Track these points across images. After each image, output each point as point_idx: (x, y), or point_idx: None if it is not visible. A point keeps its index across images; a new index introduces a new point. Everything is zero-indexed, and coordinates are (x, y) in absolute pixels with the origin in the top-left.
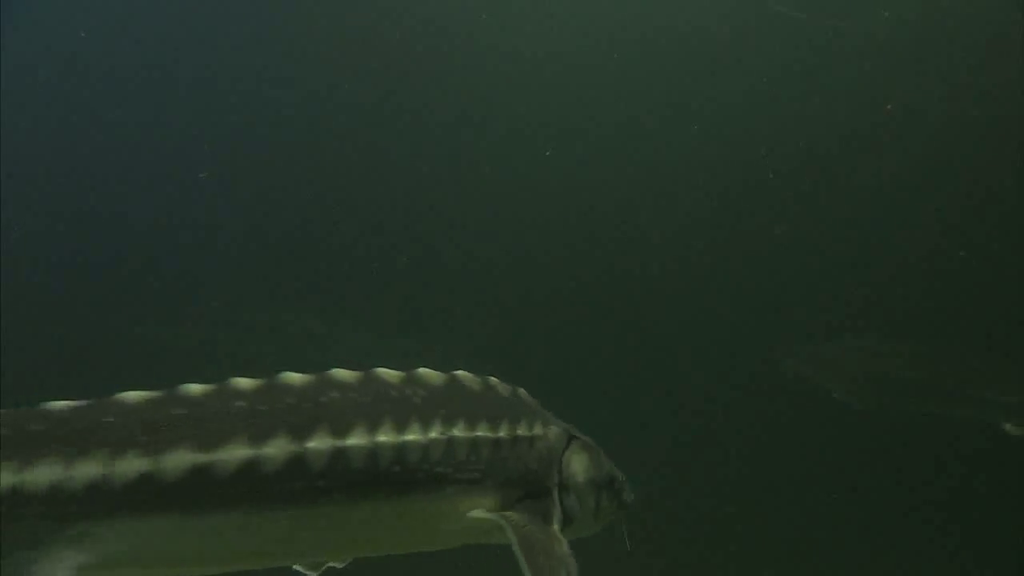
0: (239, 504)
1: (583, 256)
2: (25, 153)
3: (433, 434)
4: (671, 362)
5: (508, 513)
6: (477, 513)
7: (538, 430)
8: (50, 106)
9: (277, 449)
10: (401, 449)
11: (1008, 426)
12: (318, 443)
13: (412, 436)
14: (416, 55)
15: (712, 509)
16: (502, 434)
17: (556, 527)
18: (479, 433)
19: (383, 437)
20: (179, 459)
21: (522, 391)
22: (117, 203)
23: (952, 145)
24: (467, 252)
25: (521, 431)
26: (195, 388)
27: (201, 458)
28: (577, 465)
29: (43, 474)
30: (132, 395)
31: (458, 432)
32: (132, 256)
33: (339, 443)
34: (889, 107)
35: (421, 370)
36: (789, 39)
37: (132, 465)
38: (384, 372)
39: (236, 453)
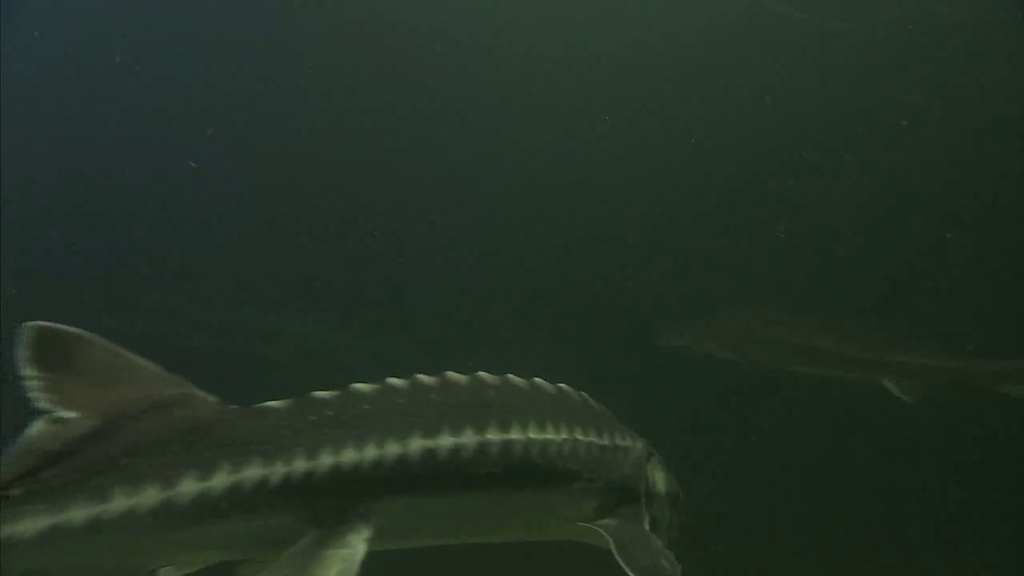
0: (451, 485)
1: (553, 254)
2: (24, 151)
3: (564, 435)
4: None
5: (604, 521)
6: (584, 523)
7: (629, 441)
8: (50, 104)
9: (469, 439)
10: (545, 444)
11: (890, 384)
12: (493, 435)
13: (551, 435)
14: (401, 54)
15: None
16: (606, 441)
17: (648, 527)
18: (592, 439)
19: (532, 434)
20: (417, 444)
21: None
22: (106, 202)
23: (951, 145)
24: (428, 252)
25: (619, 440)
26: (399, 382)
27: (429, 444)
28: (658, 477)
29: (348, 456)
30: (361, 386)
31: (580, 435)
32: (120, 255)
33: (506, 436)
34: (904, 123)
35: (538, 379)
36: (789, 39)
37: (393, 449)
38: (513, 377)
39: (447, 440)
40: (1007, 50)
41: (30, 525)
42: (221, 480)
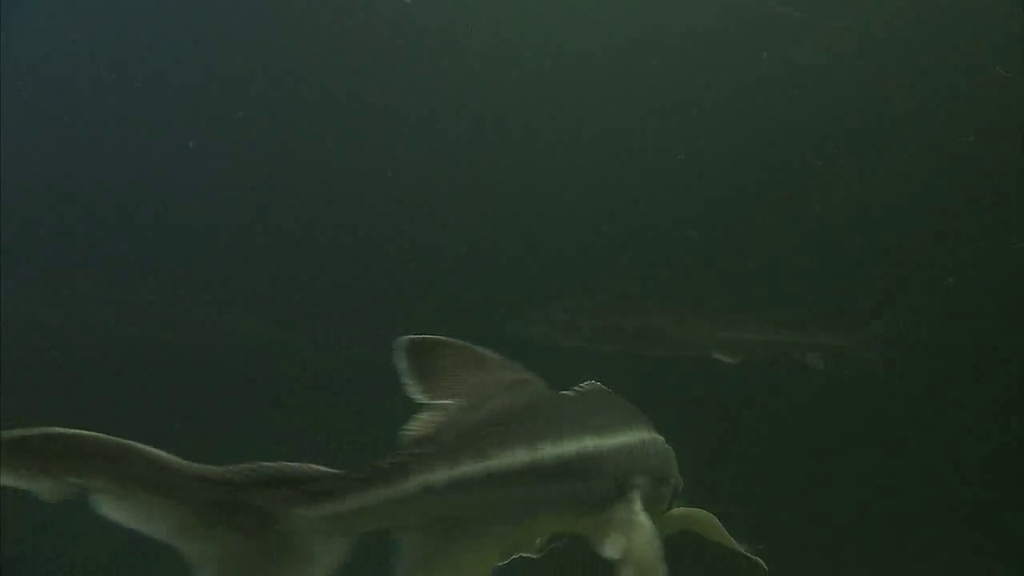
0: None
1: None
2: (23, 150)
3: (659, 436)
4: None
5: (678, 511)
6: (683, 509)
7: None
8: (49, 104)
9: (646, 435)
10: (659, 444)
11: (720, 356)
12: (652, 435)
13: (658, 436)
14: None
15: None
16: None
17: None
18: (662, 439)
19: (655, 434)
20: (636, 436)
21: None
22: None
23: (952, 145)
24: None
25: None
26: (600, 386)
27: (640, 436)
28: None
29: (621, 440)
30: (589, 386)
31: (659, 436)
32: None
33: (643, 437)
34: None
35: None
36: (789, 39)
37: (634, 437)
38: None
39: (644, 436)
40: (1009, 49)
41: (438, 476)
42: (570, 446)
